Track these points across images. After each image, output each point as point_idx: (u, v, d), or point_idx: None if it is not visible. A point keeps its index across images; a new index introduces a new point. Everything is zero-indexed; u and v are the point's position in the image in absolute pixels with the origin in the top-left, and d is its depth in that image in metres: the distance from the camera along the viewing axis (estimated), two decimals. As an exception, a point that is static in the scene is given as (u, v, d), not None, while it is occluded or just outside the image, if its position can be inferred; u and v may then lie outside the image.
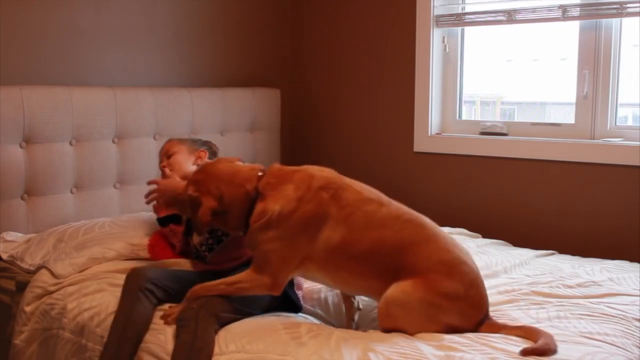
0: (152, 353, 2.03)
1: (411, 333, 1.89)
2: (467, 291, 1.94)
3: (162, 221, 2.52)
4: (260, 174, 2.09)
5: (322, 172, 2.09)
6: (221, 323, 2.01)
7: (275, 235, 1.99)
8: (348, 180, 2.10)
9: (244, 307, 2.09)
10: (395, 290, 1.91)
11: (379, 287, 1.96)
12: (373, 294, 2.04)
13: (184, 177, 2.44)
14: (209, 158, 2.61)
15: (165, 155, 2.62)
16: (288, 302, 2.21)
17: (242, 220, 2.06)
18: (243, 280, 2.04)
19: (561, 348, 1.79)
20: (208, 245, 2.33)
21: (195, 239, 2.34)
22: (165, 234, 2.52)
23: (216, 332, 1.98)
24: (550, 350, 1.76)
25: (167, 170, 2.56)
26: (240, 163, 2.21)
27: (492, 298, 2.26)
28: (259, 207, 2.02)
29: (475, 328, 1.93)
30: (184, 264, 2.40)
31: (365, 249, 1.98)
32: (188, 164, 2.58)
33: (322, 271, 2.04)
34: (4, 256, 2.66)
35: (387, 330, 1.92)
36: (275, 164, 2.16)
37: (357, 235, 1.99)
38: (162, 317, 2.09)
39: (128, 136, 3.14)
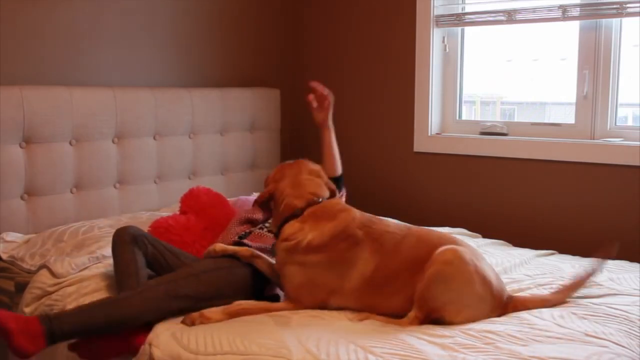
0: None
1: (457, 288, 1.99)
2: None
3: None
4: (315, 199, 2.25)
5: (362, 216, 2.24)
6: (173, 310, 2.09)
7: (302, 262, 2.14)
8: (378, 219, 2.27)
9: (230, 290, 2.21)
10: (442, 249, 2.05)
11: (411, 296, 2.05)
12: (402, 308, 2.10)
13: None
14: None
15: None
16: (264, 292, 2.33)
17: (277, 223, 2.26)
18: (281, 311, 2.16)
19: (567, 347, 1.79)
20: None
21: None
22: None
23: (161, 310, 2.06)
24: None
25: None
26: (313, 178, 2.33)
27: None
28: (294, 225, 2.20)
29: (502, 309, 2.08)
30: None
31: (398, 264, 2.11)
32: None
33: (354, 300, 2.14)
34: (4, 256, 2.66)
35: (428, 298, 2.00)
36: (335, 199, 2.31)
37: (388, 260, 2.13)
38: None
39: (128, 136, 3.13)
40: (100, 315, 2.00)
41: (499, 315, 2.05)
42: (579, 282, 2.21)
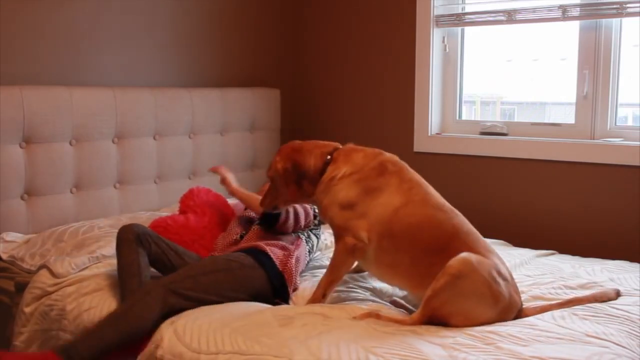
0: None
1: (462, 309, 1.97)
2: (512, 279, 2.12)
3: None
4: (337, 145, 2.33)
5: (393, 156, 2.31)
6: (175, 308, 2.09)
7: (335, 192, 2.19)
8: (413, 172, 2.29)
9: (230, 292, 2.20)
10: (458, 258, 1.99)
11: (423, 268, 2.05)
12: (413, 283, 2.12)
13: None
14: None
15: None
16: (277, 293, 2.32)
17: (314, 183, 2.26)
18: (333, 258, 2.20)
19: (568, 348, 1.79)
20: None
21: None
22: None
23: (164, 309, 2.06)
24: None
25: None
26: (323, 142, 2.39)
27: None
28: (328, 170, 2.25)
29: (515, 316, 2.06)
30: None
31: (418, 220, 2.12)
32: None
33: (377, 237, 2.13)
34: (4, 256, 2.66)
35: (435, 308, 1.98)
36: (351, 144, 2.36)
37: (412, 209, 2.14)
38: None
39: (128, 136, 3.13)
40: (112, 333, 2.01)
41: None
42: (587, 300, 2.18)
